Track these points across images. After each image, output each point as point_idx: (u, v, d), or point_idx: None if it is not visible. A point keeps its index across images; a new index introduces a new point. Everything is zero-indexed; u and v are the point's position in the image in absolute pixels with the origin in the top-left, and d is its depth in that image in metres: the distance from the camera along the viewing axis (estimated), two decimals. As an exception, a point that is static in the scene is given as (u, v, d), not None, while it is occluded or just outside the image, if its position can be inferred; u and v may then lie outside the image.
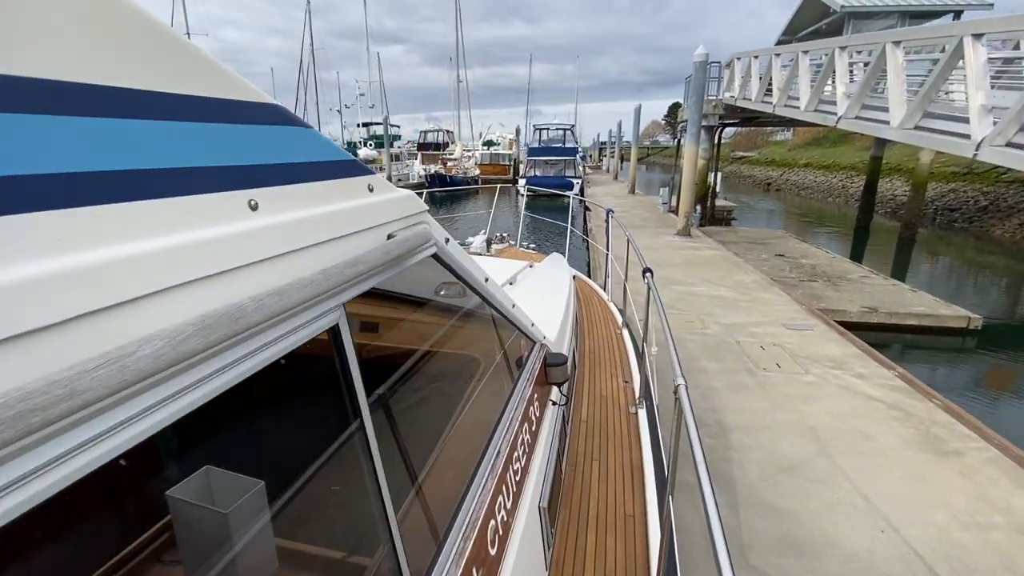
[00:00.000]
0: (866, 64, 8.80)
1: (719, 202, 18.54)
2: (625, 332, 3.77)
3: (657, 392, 2.80)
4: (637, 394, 2.91)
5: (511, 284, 3.01)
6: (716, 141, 17.00)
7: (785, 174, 36.36)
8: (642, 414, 2.70)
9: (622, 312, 4.18)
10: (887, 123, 6.76)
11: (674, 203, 17.93)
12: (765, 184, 37.65)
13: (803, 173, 33.69)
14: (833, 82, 8.82)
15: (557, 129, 33.39)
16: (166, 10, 40.18)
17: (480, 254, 5.42)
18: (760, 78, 12.60)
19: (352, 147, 34.41)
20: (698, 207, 14.05)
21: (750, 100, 12.91)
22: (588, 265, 10.88)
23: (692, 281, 8.47)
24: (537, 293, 2.98)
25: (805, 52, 9.46)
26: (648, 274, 2.71)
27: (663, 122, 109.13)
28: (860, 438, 3.93)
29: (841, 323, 6.73)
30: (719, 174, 18.50)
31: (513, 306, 1.95)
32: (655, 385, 2.82)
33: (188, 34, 40.65)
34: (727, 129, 21.51)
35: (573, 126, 35.42)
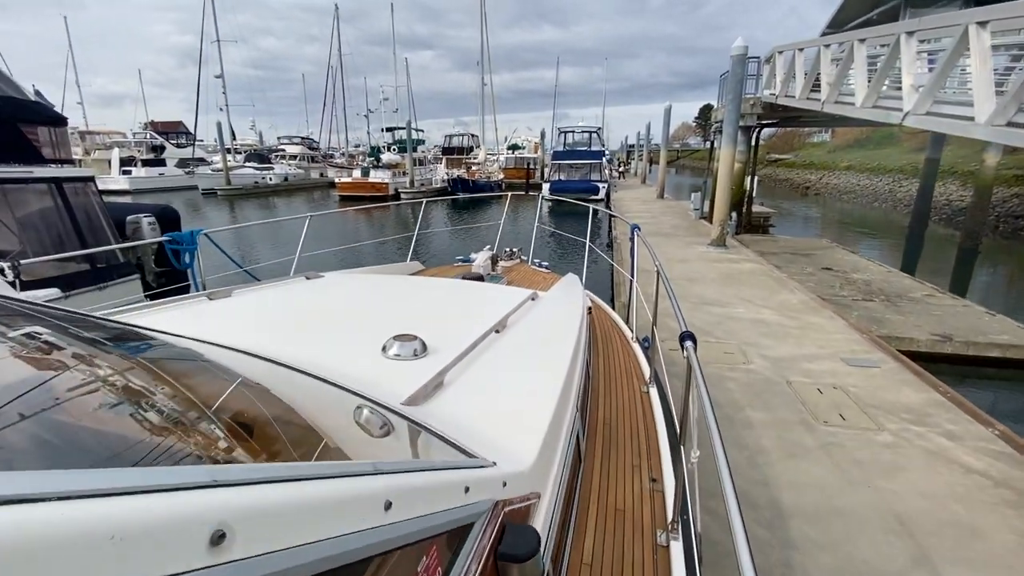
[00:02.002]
0: (931, 55, 7.66)
1: (755, 208, 17.28)
2: (654, 393, 2.89)
3: (700, 513, 1.85)
4: (670, 512, 1.95)
5: (497, 332, 2.17)
6: (754, 142, 15.80)
7: (825, 177, 34.50)
8: (676, 549, 1.78)
9: (649, 357, 3.30)
10: (970, 119, 5.66)
11: (707, 209, 16.80)
12: (803, 188, 35.82)
13: (845, 176, 31.84)
14: (892, 75, 7.70)
15: (583, 132, 32.42)
16: (196, 18, 40.87)
17: (479, 277, 4.60)
18: (805, 73, 11.44)
19: (376, 152, 34.16)
20: (733, 214, 12.94)
21: (793, 97, 11.76)
22: (612, 279, 9.96)
23: (730, 301, 7.46)
24: (529, 348, 2.15)
25: (862, 41, 8.35)
26: (689, 343, 1.80)
27: (694, 124, 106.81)
28: (968, 536, 2.94)
29: (907, 353, 5.66)
30: (755, 178, 17.25)
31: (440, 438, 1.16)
32: (697, 508, 1.86)
33: (218, 41, 41.33)
34: (763, 130, 20.18)
35: (600, 129, 34.38)
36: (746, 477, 3.42)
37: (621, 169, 43.16)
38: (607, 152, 40.13)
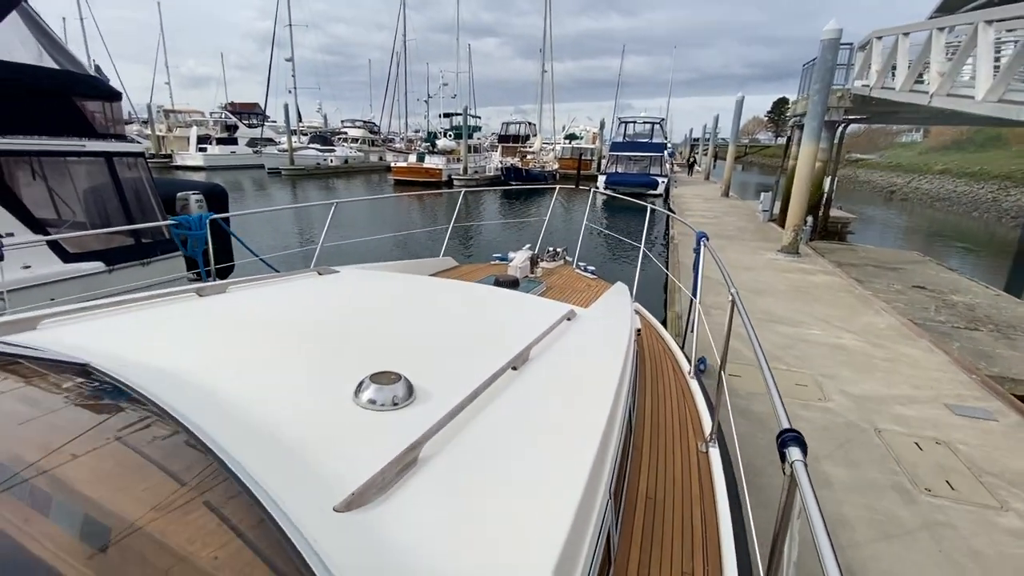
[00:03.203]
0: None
1: (834, 212, 15.70)
2: (715, 458, 2.23)
3: None
4: None
5: (515, 368, 1.61)
6: (838, 140, 14.29)
7: (914, 181, 31.40)
8: None
9: (710, 399, 2.63)
10: None
11: (777, 211, 15.42)
12: (887, 192, 32.80)
13: (938, 181, 28.79)
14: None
15: (645, 123, 30.98)
16: (270, 3, 42.25)
17: (514, 280, 4.04)
18: (909, 62, 10.01)
19: (432, 137, 34.17)
20: (809, 218, 11.68)
21: (892, 89, 10.35)
22: (666, 284, 9.15)
23: (802, 319, 6.53)
24: (554, 398, 1.56)
25: (989, 23, 7.04)
26: (796, 453, 1.17)
27: (766, 119, 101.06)
28: None
29: (1028, 401, 4.64)
30: (835, 179, 15.64)
31: None
32: None
33: (290, 25, 42.62)
34: (848, 127, 18.30)
35: (663, 120, 32.79)
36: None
37: (691, 162, 40.50)
38: (670, 145, 38.36)
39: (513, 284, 3.98)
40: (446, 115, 36.56)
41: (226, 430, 1.05)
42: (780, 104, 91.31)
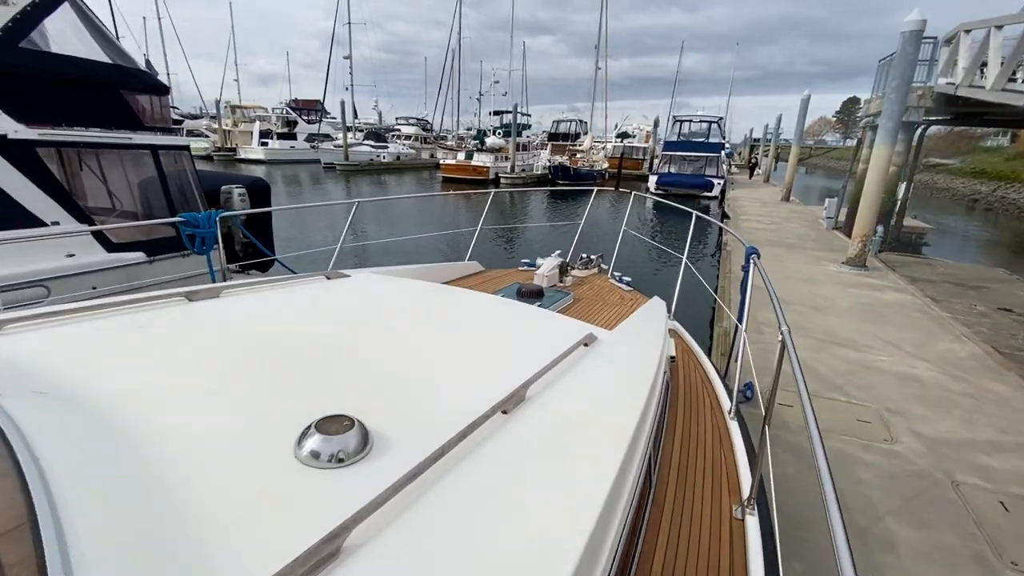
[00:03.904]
0: None
1: (907, 221, 14.42)
2: (752, 529, 1.88)
3: None
4: None
5: (505, 412, 1.34)
6: (916, 142, 13.08)
7: (999, 189, 28.66)
8: None
9: (752, 454, 2.26)
10: None
11: (843, 218, 14.31)
12: (969, 200, 30.09)
13: (1031, 189, 26.08)
14: None
15: (701, 121, 29.71)
16: (333, 2, 43.51)
17: (538, 291, 3.76)
18: (1003, 59, 8.94)
19: (481, 135, 34.21)
20: (879, 227, 10.69)
21: (982, 88, 9.28)
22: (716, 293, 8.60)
23: (868, 343, 5.88)
24: (547, 453, 1.27)
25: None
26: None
27: (833, 119, 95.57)
28: None
29: None
30: (911, 185, 14.33)
31: None
32: None
33: (349, 24, 43.82)
34: (928, 129, 16.74)
35: (721, 119, 31.32)
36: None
37: (752, 163, 38.26)
38: (728, 145, 36.71)
39: (537, 295, 3.71)
40: (496, 113, 36.50)
41: (86, 484, 0.84)
42: (850, 104, 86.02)
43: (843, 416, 4.26)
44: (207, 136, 44.24)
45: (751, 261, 3.04)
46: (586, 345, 1.96)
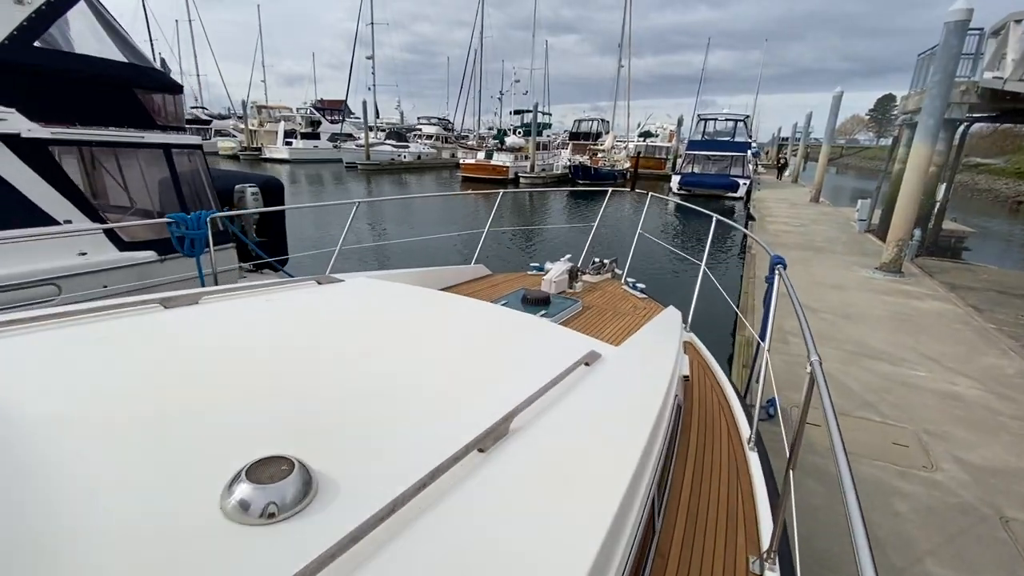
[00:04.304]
0: None
1: (946, 224, 13.67)
2: None
3: None
4: None
5: (482, 451, 1.11)
6: (957, 140, 12.36)
7: (1049, 190, 27.12)
8: None
9: (774, 494, 1.97)
10: None
11: (876, 220, 13.66)
12: (1013, 202, 28.63)
13: (1082, 191, 24.65)
14: None
15: (727, 120, 28.93)
16: (364, 5, 43.96)
17: (544, 298, 3.51)
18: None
19: (501, 134, 34.03)
20: (916, 230, 10.10)
21: (1033, 81, 8.66)
22: (740, 296, 8.20)
23: (904, 356, 5.46)
24: (531, 498, 1.04)
25: None
26: None
27: (867, 117, 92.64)
28: None
29: None
30: (951, 186, 13.58)
31: None
32: None
33: (372, 24, 44.14)
34: (971, 127, 15.85)
35: (747, 117, 30.44)
36: None
37: (780, 163, 36.82)
38: (754, 144, 35.74)
39: (542, 302, 3.46)
40: (516, 112, 36.26)
41: None
42: (885, 101, 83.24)
43: (876, 438, 3.89)
44: (234, 136, 45.19)
45: (776, 272, 2.72)
46: (587, 364, 1.73)
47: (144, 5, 47.50)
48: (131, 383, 1.29)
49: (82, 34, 4.91)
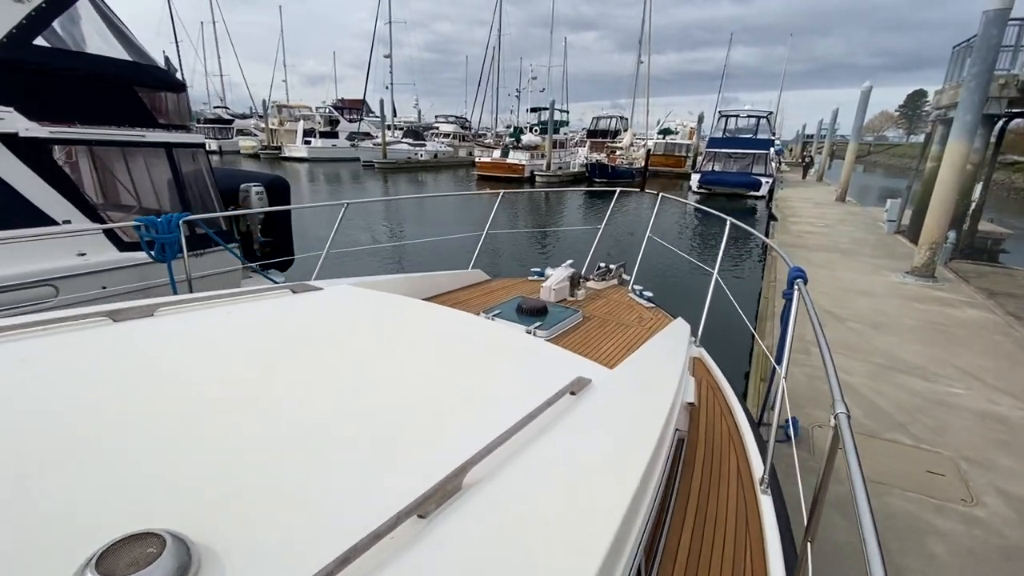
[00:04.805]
0: None
1: (983, 225, 12.97)
2: None
3: None
4: None
5: (421, 517, 0.87)
6: (995, 137, 11.69)
7: (1093, 189, 25.75)
8: None
9: (790, 548, 1.68)
10: None
11: (907, 221, 13.03)
12: (1054, 201, 27.24)
13: None
14: None
15: (749, 116, 28.14)
16: (383, 5, 44.09)
17: (540, 307, 3.23)
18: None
19: (517, 132, 33.74)
20: (951, 232, 9.53)
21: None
22: (759, 305, 7.83)
23: (939, 371, 5.04)
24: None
25: None
26: None
27: (895, 114, 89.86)
28: None
29: None
30: (988, 185, 12.86)
31: None
32: None
33: (390, 23, 44.24)
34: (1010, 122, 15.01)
35: (770, 113, 29.61)
36: None
37: (806, 161, 35.13)
38: (778, 142, 34.77)
39: (538, 312, 3.19)
40: (533, 110, 35.91)
41: None
42: (916, 97, 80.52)
43: (908, 465, 3.53)
44: (255, 135, 45.78)
45: (795, 287, 2.38)
46: (573, 394, 1.47)
47: (170, 7, 48.41)
48: (23, 421, 1.08)
49: (83, 32, 4.86)
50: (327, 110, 47.84)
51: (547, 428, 1.25)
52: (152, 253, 3.80)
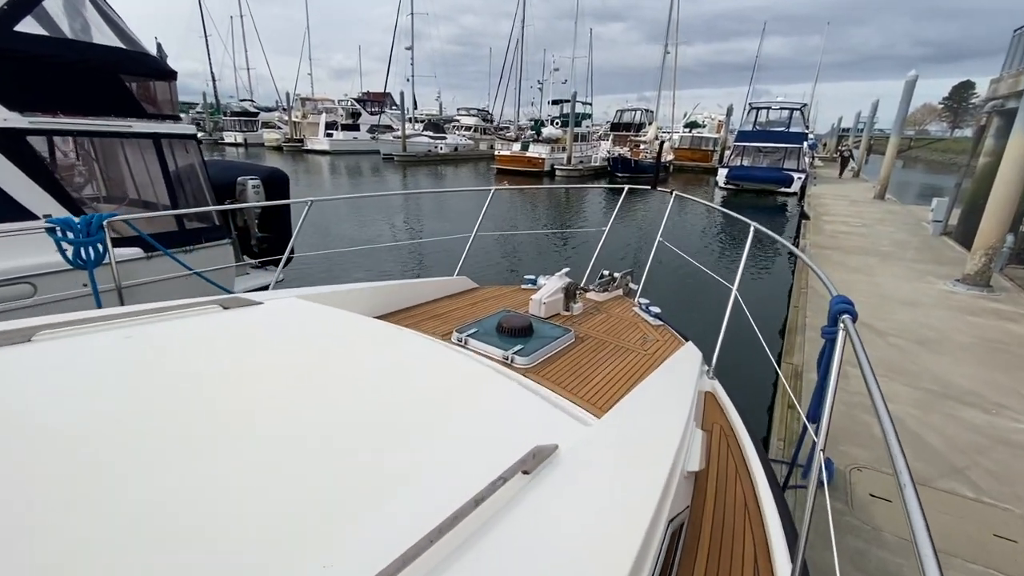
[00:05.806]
0: None
1: (1041, 227, 11.81)
2: None
3: None
4: None
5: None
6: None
7: None
8: None
9: None
10: None
11: (955, 221, 11.99)
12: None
13: None
14: None
15: (781, 108, 26.83)
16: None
17: (526, 325, 2.68)
18: None
19: (538, 125, 33.04)
20: (1009, 236, 8.59)
21: None
22: (786, 322, 7.15)
23: (1004, 400, 4.32)
24: None
25: None
26: None
27: (940, 106, 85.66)
28: None
29: None
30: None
31: None
32: None
33: (412, 15, 43.92)
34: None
35: (804, 105, 28.18)
36: None
37: (843, 156, 31.89)
38: (811, 135, 33.24)
39: (522, 332, 2.64)
40: (555, 102, 35.11)
41: None
42: (961, 89, 76.56)
43: (970, 524, 2.89)
44: (280, 128, 46.16)
45: (840, 324, 1.74)
46: (526, 473, 1.02)
47: (200, 2, 49.11)
48: None
49: (66, 18, 4.62)
50: (349, 103, 47.93)
51: (490, 523, 0.90)
52: (68, 257, 3.41)
